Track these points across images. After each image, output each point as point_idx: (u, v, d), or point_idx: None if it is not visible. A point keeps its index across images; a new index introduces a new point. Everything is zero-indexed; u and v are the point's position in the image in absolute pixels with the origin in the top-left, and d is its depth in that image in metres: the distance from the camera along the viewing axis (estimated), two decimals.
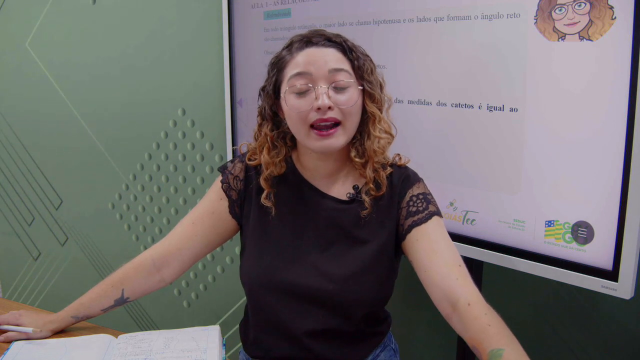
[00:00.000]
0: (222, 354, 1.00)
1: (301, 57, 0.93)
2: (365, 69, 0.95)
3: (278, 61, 0.97)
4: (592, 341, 1.31)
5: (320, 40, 0.94)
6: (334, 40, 0.95)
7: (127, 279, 1.06)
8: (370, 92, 0.95)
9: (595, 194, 1.01)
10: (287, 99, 0.93)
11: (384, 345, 1.09)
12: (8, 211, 2.55)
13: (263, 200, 0.99)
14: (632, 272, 0.98)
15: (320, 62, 0.92)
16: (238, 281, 1.04)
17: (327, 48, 0.93)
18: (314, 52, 0.93)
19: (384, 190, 0.97)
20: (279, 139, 1.00)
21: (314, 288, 0.95)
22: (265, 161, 0.99)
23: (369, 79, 0.95)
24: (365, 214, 0.96)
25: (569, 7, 0.99)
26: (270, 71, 0.98)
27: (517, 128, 1.09)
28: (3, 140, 2.45)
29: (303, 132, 0.93)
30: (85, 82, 2.12)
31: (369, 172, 0.96)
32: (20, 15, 2.23)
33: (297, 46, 0.95)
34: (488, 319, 0.83)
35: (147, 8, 1.89)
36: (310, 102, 0.91)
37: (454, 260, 0.91)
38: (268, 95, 0.98)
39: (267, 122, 1.00)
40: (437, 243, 0.93)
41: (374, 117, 0.96)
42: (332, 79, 0.92)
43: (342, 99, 0.92)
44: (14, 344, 1.04)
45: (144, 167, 2.05)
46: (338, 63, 0.93)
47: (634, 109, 0.94)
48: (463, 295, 0.86)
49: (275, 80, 0.97)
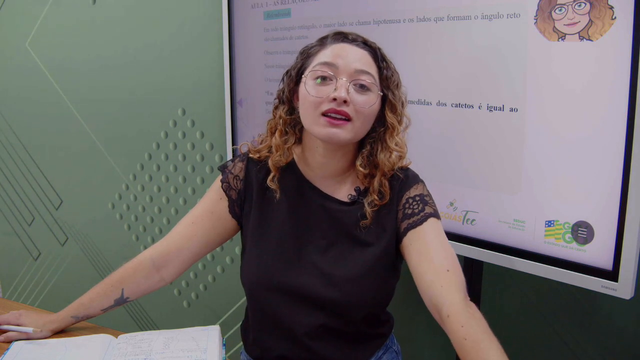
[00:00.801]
0: (222, 354, 1.00)
1: (332, 49, 0.93)
2: (393, 80, 0.95)
3: (309, 49, 0.97)
4: (592, 341, 1.31)
5: (357, 40, 0.95)
6: (370, 44, 0.95)
7: (127, 278, 1.06)
8: (393, 102, 0.95)
9: (595, 194, 1.01)
10: (307, 83, 0.93)
11: (386, 347, 1.08)
12: (8, 211, 2.55)
13: (269, 182, 0.99)
14: (632, 272, 0.98)
15: (350, 58, 0.92)
16: (238, 281, 1.04)
17: (361, 49, 0.94)
18: (346, 48, 0.93)
19: (387, 199, 0.97)
20: (290, 126, 1.00)
21: (315, 289, 0.95)
22: (276, 143, 0.98)
23: (394, 91, 0.95)
24: (366, 224, 0.96)
25: (569, 7, 0.99)
26: (299, 56, 0.99)
27: (517, 128, 1.09)
28: (3, 140, 2.45)
29: (313, 117, 0.92)
30: (85, 82, 2.12)
31: (376, 185, 0.96)
32: (20, 15, 2.23)
33: (332, 39, 0.95)
34: (464, 331, 0.80)
35: (147, 8, 1.89)
36: (328, 91, 0.91)
37: (442, 266, 0.89)
38: (290, 79, 0.98)
39: (284, 105, 1.00)
40: (428, 247, 0.92)
41: (393, 129, 0.96)
42: (356, 77, 0.91)
43: (360, 99, 0.91)
44: (14, 343, 1.04)
45: (144, 167, 2.06)
46: (366, 66, 0.93)
47: (634, 109, 0.94)
48: (445, 305, 0.84)
49: (301, 65, 0.97)
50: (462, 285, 0.88)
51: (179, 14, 1.82)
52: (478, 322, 0.81)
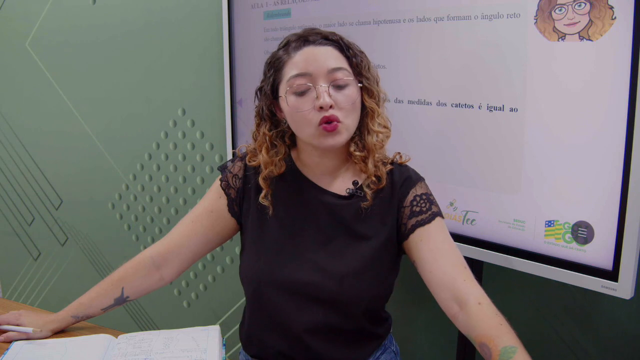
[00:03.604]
0: (222, 354, 1.00)
1: (299, 57, 0.93)
2: (363, 65, 0.95)
3: (275, 61, 0.97)
4: (592, 341, 1.31)
5: (317, 39, 0.94)
6: (331, 38, 0.95)
7: (127, 277, 1.07)
8: (368, 87, 0.96)
9: (595, 194, 1.01)
10: (288, 99, 0.93)
11: (384, 347, 1.08)
12: (8, 211, 2.55)
13: (261, 199, 0.99)
14: (632, 272, 0.98)
15: (320, 61, 0.92)
16: (238, 281, 1.04)
17: (325, 46, 0.93)
18: (312, 51, 0.93)
19: (384, 183, 0.98)
20: (277, 138, 1.00)
21: (313, 284, 0.95)
22: (265, 161, 0.99)
23: (367, 75, 0.96)
24: (366, 205, 0.97)
25: (569, 7, 0.99)
26: (267, 71, 0.98)
27: (517, 128, 1.09)
28: (3, 140, 2.45)
29: (308, 132, 0.93)
30: (85, 82, 2.12)
31: (370, 167, 0.96)
32: (20, 15, 2.23)
33: (295, 45, 0.94)
34: (500, 318, 0.85)
35: (147, 8, 1.89)
36: (311, 101, 0.91)
37: (459, 262, 0.93)
38: (266, 96, 0.98)
39: (265, 122, 1.00)
40: (442, 244, 0.94)
41: (373, 112, 0.97)
42: (332, 78, 0.92)
43: (342, 96, 0.92)
44: (14, 343, 1.04)
45: (144, 167, 2.05)
46: (337, 62, 0.93)
47: (634, 109, 0.94)
48: (473, 295, 0.87)
49: (273, 80, 0.97)
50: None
51: (179, 14, 1.82)
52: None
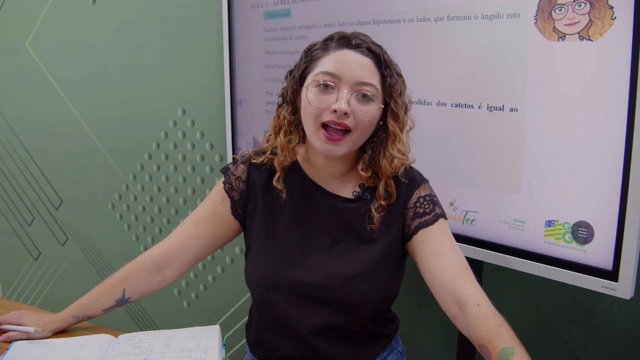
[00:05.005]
0: (222, 354, 1.00)
1: (335, 57, 0.92)
2: (396, 88, 0.94)
3: (313, 51, 0.96)
4: (592, 341, 1.31)
5: (361, 46, 0.93)
6: (374, 50, 0.93)
7: (128, 279, 1.06)
8: (395, 111, 0.95)
9: (595, 194, 1.01)
10: (309, 91, 0.93)
11: (391, 348, 1.08)
12: (8, 211, 2.55)
13: (275, 182, 0.99)
14: (632, 272, 0.98)
15: (352, 68, 0.91)
16: (238, 281, 1.04)
17: (364, 57, 0.92)
18: (350, 57, 0.92)
19: (394, 200, 0.97)
20: (294, 125, 1.00)
21: (320, 286, 0.95)
22: (281, 143, 0.98)
23: (397, 99, 0.95)
24: (373, 228, 0.97)
25: (569, 7, 0.99)
26: (303, 57, 0.98)
27: (517, 128, 1.09)
28: (3, 140, 2.45)
29: (313, 128, 0.93)
30: (85, 82, 2.12)
31: (381, 190, 0.96)
32: (20, 15, 2.23)
33: (336, 44, 0.94)
34: (498, 319, 0.85)
35: (147, 8, 1.89)
36: (329, 101, 0.91)
37: (460, 263, 0.93)
38: (294, 80, 0.98)
39: (287, 105, 1.00)
40: (444, 245, 0.94)
41: (395, 137, 0.96)
42: (357, 89, 0.91)
43: (361, 110, 0.91)
44: (14, 343, 1.04)
45: (144, 167, 2.05)
46: (369, 76, 0.92)
47: (634, 109, 0.94)
48: (472, 296, 0.88)
49: (305, 67, 0.96)
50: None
51: (179, 14, 1.82)
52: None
